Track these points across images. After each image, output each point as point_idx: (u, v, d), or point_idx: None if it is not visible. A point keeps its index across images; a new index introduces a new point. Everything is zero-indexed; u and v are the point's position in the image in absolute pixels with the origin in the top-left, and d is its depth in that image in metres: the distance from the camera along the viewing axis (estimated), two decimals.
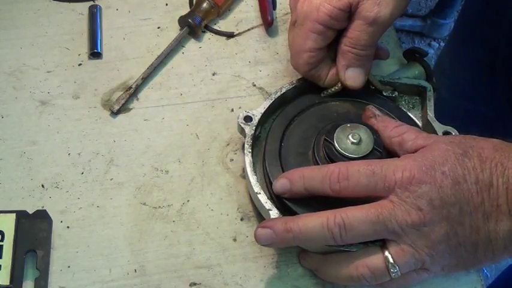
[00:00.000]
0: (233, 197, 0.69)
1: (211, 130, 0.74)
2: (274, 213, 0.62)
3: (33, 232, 0.63)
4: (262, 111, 0.68)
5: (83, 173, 0.70)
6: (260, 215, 0.66)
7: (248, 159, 0.65)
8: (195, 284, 0.64)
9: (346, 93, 0.69)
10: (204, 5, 0.80)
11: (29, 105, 0.74)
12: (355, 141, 0.61)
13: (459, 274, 0.65)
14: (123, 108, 0.74)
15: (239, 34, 0.82)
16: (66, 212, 0.67)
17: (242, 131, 0.68)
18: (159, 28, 0.81)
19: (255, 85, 0.77)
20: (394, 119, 0.67)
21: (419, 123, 0.71)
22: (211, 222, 0.67)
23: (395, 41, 0.82)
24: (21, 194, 0.68)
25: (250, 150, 0.66)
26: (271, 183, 0.63)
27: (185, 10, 0.81)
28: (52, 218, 0.65)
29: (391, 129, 0.62)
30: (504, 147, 0.57)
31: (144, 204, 0.68)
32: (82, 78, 0.76)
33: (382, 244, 0.58)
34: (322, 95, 0.70)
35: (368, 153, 0.61)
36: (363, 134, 0.62)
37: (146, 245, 0.66)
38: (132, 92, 0.75)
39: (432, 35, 2.25)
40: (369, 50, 0.67)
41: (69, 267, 0.64)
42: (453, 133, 0.67)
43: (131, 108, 0.75)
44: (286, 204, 0.62)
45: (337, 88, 0.69)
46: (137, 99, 0.75)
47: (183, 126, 0.74)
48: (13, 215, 0.63)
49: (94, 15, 0.80)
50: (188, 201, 0.69)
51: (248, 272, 0.65)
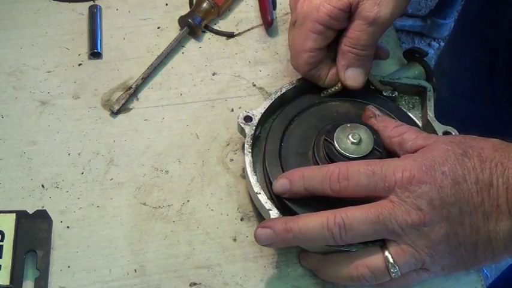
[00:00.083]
0: (233, 197, 0.69)
1: (211, 130, 0.74)
2: (274, 213, 0.62)
3: (33, 232, 0.63)
4: (262, 111, 0.68)
5: (83, 173, 0.70)
6: (260, 215, 0.66)
7: (248, 159, 0.65)
8: (195, 284, 0.64)
9: (346, 93, 0.69)
10: (204, 5, 0.80)
11: (29, 105, 0.74)
12: (355, 141, 0.61)
13: (459, 274, 0.65)
14: (123, 108, 0.74)
15: (239, 34, 0.82)
16: (66, 212, 0.67)
17: (242, 131, 0.68)
18: (159, 28, 0.81)
19: (255, 85, 0.77)
20: (394, 119, 0.67)
21: (419, 123, 0.71)
22: (211, 222, 0.67)
23: (395, 41, 0.82)
24: (21, 194, 0.68)
25: (250, 150, 0.66)
26: (271, 183, 0.63)
27: (185, 10, 0.81)
28: (52, 218, 0.65)
29: (391, 129, 0.62)
30: (504, 147, 0.57)
31: (144, 204, 0.68)
32: (82, 78, 0.76)
33: (382, 244, 0.58)
34: (322, 95, 0.70)
35: (368, 153, 0.61)
36: (363, 134, 0.62)
37: (146, 245, 0.66)
38: (132, 92, 0.75)
39: (432, 35, 2.25)
40: (369, 50, 0.67)
41: (69, 267, 0.64)
42: (453, 133, 0.67)
43: (131, 108, 0.75)
44: (286, 204, 0.62)
45: (337, 88, 0.69)
46: (137, 99, 0.75)
47: (183, 126, 0.74)
48: (13, 215, 0.63)
49: (94, 15, 0.80)
50: (188, 201, 0.69)
51: (248, 272, 0.65)
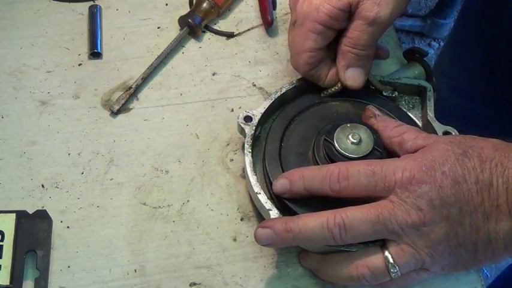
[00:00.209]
0: (233, 197, 0.69)
1: (211, 130, 0.74)
2: (274, 213, 0.62)
3: (33, 232, 0.63)
4: (262, 111, 0.68)
5: (83, 173, 0.70)
6: (260, 215, 0.66)
7: (248, 159, 0.65)
8: (195, 284, 0.64)
9: (346, 93, 0.69)
10: (204, 5, 0.80)
11: (29, 105, 0.74)
12: (355, 141, 0.61)
13: (459, 274, 0.65)
14: (123, 108, 0.74)
15: (239, 34, 0.82)
16: (66, 212, 0.67)
17: (242, 131, 0.68)
18: (159, 28, 0.81)
19: (255, 85, 0.77)
20: (394, 119, 0.67)
21: (419, 123, 0.71)
22: (211, 222, 0.67)
23: (395, 41, 0.82)
24: (21, 194, 0.68)
25: (250, 150, 0.66)
26: (271, 183, 0.63)
27: (185, 10, 0.81)
28: (52, 218, 0.65)
29: (391, 129, 0.62)
30: (504, 147, 0.57)
31: (144, 204, 0.68)
32: (82, 78, 0.76)
33: (382, 244, 0.58)
34: (322, 95, 0.70)
35: (368, 153, 0.61)
36: (363, 134, 0.62)
37: (146, 245, 0.66)
38: (132, 92, 0.75)
39: (432, 35, 2.25)
40: (368, 50, 0.67)
41: (69, 267, 0.64)
42: (453, 133, 0.67)
43: (131, 108, 0.75)
44: (286, 204, 0.62)
45: (337, 88, 0.69)
46: (137, 99, 0.75)
47: (183, 126, 0.74)
48: (13, 215, 0.63)
49: (94, 15, 0.80)
50: (188, 201, 0.69)
51: (248, 272, 0.65)
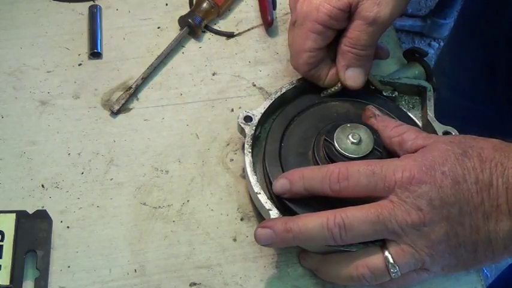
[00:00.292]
0: (233, 197, 0.69)
1: (211, 130, 0.74)
2: (274, 213, 0.62)
3: (33, 232, 0.63)
4: (262, 111, 0.68)
5: (83, 173, 0.70)
6: (260, 215, 0.66)
7: (248, 159, 0.65)
8: (195, 284, 0.64)
9: (346, 93, 0.69)
10: (204, 5, 0.80)
11: (29, 105, 0.74)
12: (355, 141, 0.61)
13: (459, 274, 0.65)
14: (123, 108, 0.74)
15: (239, 34, 0.82)
16: (66, 212, 0.67)
17: (242, 131, 0.68)
18: (159, 28, 0.81)
19: (255, 85, 0.77)
20: (394, 119, 0.67)
21: (419, 123, 0.71)
22: (211, 222, 0.67)
23: (395, 41, 0.82)
24: (21, 194, 0.68)
25: (250, 150, 0.66)
26: (271, 183, 0.63)
27: (185, 10, 0.81)
28: (52, 218, 0.65)
29: (391, 129, 0.62)
30: (504, 147, 0.57)
31: (144, 204, 0.68)
32: (82, 78, 0.76)
33: (382, 244, 0.58)
34: (322, 95, 0.70)
35: (368, 153, 0.61)
36: (363, 134, 0.62)
37: (146, 245, 0.66)
38: (132, 92, 0.75)
39: (432, 35, 2.25)
40: (368, 50, 0.67)
41: (69, 267, 0.64)
42: (453, 133, 0.67)
43: (131, 108, 0.75)
44: (286, 204, 0.62)
45: (337, 88, 0.69)
46: (137, 99, 0.75)
47: (183, 126, 0.74)
48: (13, 215, 0.63)
49: (94, 15, 0.80)
50: (188, 201, 0.69)
51: (248, 272, 0.65)
